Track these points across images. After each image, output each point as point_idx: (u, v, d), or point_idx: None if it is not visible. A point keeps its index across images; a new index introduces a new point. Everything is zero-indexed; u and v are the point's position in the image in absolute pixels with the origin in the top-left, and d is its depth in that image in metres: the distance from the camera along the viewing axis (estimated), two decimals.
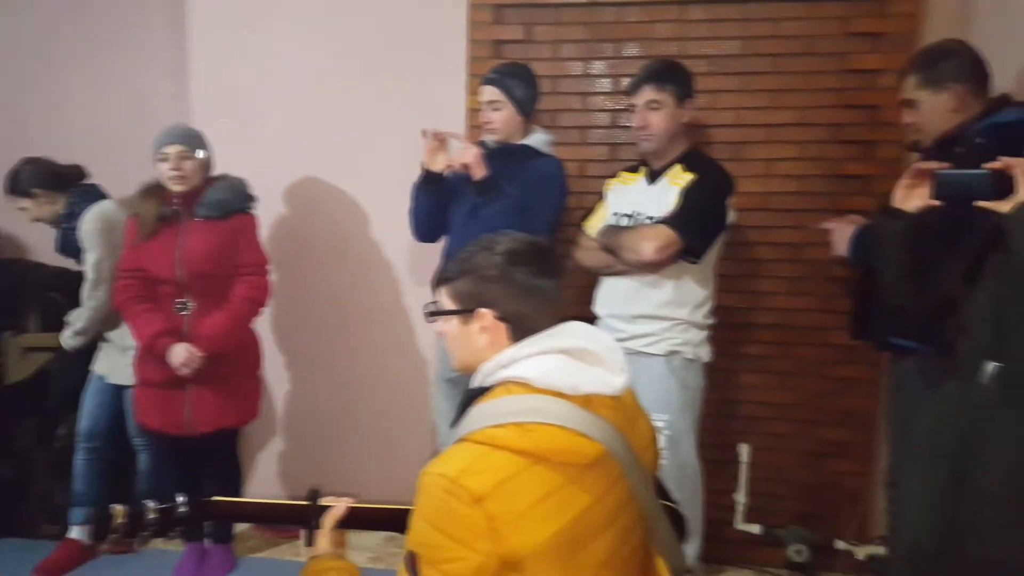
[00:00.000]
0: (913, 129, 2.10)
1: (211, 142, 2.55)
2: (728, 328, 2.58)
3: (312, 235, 3.01)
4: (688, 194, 2.20)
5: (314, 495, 1.32)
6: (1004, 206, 1.48)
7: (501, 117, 2.37)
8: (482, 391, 1.11)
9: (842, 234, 2.20)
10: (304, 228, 3.01)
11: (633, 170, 2.42)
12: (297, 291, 3.02)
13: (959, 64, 1.98)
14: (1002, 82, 2.05)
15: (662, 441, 2.19)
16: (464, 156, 2.30)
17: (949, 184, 1.56)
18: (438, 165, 2.39)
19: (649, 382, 2.24)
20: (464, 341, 1.17)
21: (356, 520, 1.31)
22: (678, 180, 2.25)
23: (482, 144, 2.43)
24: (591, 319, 2.44)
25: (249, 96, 2.97)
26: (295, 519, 1.33)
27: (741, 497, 2.71)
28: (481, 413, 1.07)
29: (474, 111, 2.67)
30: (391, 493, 1.25)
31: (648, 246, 2.15)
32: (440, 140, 2.38)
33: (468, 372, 1.18)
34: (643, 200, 2.30)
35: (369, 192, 2.96)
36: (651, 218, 2.24)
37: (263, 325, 2.85)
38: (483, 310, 1.14)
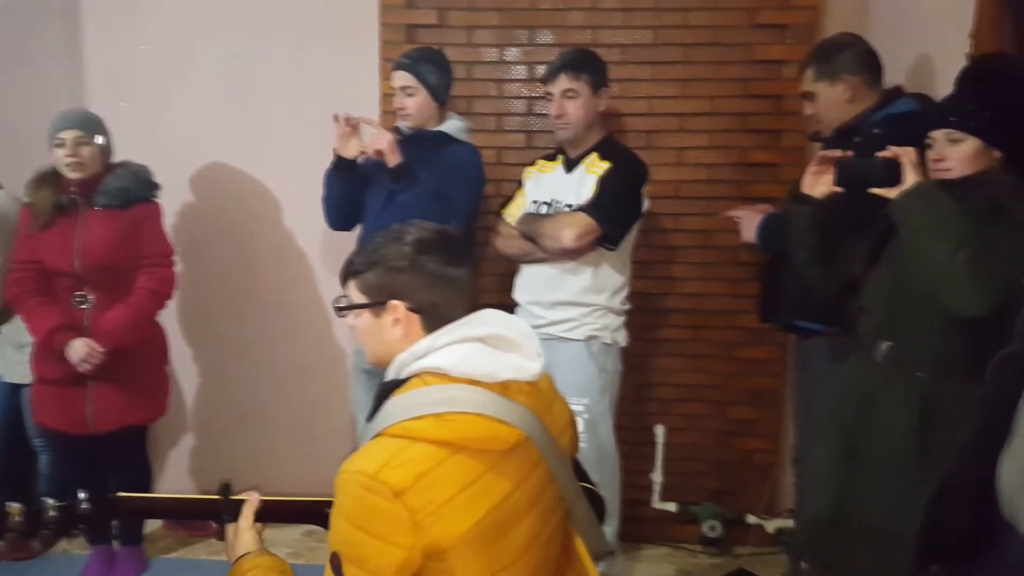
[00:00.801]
0: (814, 120, 2.19)
1: (111, 127, 2.42)
2: (643, 313, 2.65)
3: (221, 223, 2.91)
4: (605, 182, 2.24)
5: (226, 489, 1.28)
6: (893, 193, 1.58)
7: (415, 103, 2.34)
8: (398, 383, 1.10)
9: (750, 221, 2.29)
10: (212, 216, 2.91)
11: (550, 158, 2.44)
12: (206, 282, 2.92)
13: (853, 57, 2.08)
14: (895, 74, 2.17)
15: (581, 425, 2.22)
16: (377, 142, 2.26)
17: (849, 172, 1.64)
18: (351, 151, 2.34)
19: (569, 367, 2.27)
20: (377, 334, 1.16)
21: (272, 514, 1.28)
22: (595, 168, 2.28)
23: (396, 130, 2.40)
24: (511, 306, 2.46)
25: (151, 79, 2.83)
26: (206, 514, 1.29)
27: (657, 477, 2.79)
28: (397, 406, 1.06)
29: (387, 96, 2.63)
30: (309, 487, 1.23)
31: (568, 233, 2.18)
32: (352, 125, 2.32)
33: (383, 366, 1.16)
34: (561, 188, 2.33)
35: (280, 179, 2.88)
36: (570, 206, 2.27)
37: (170, 318, 2.74)
38: (395, 302, 1.13)
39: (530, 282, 2.36)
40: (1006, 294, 1.41)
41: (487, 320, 1.14)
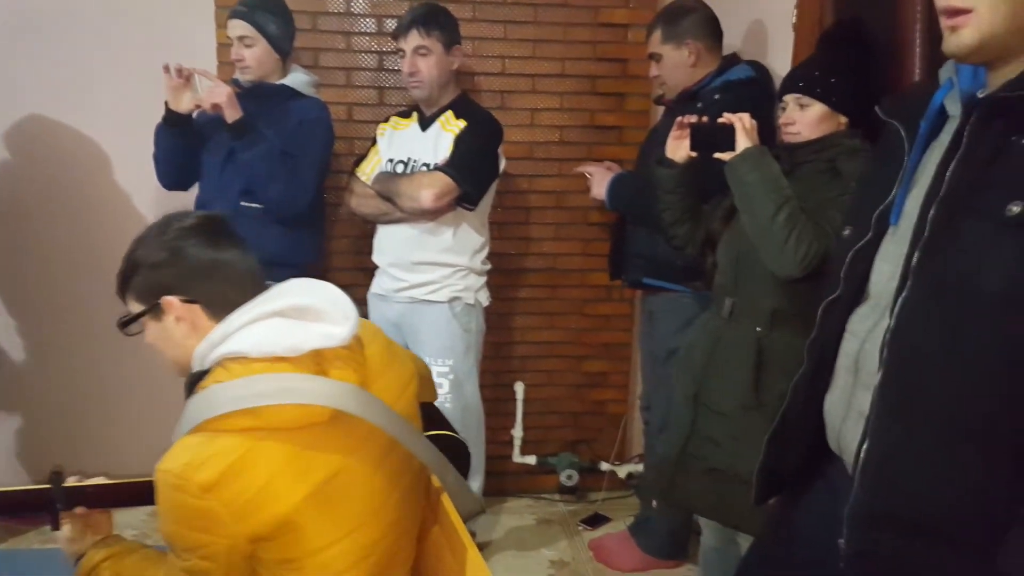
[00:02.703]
0: (659, 82, 2.29)
1: None
2: (501, 273, 2.68)
3: (41, 184, 2.59)
4: (462, 141, 2.21)
5: (57, 477, 1.17)
6: (727, 157, 1.67)
7: (254, 55, 2.19)
8: (202, 375, 1.05)
9: (600, 178, 2.36)
10: (29, 176, 2.59)
11: (404, 115, 2.39)
12: (27, 247, 2.61)
13: (697, 21, 2.18)
14: (730, 39, 2.29)
15: (446, 386, 2.25)
16: (214, 96, 2.09)
17: (698, 137, 1.72)
18: (184, 105, 2.16)
19: (433, 328, 2.27)
20: (167, 339, 1.10)
21: (113, 498, 1.19)
22: (451, 127, 2.25)
23: (235, 83, 2.24)
24: (370, 268, 2.40)
25: None
26: (36, 504, 1.17)
27: (518, 432, 2.87)
28: (201, 404, 1.01)
29: (224, 47, 2.44)
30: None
31: (427, 193, 2.15)
32: (185, 77, 2.14)
33: (188, 371, 1.10)
34: (417, 147, 2.28)
35: (107, 134, 2.60)
36: (427, 165, 2.23)
37: None
38: (167, 298, 1.07)
39: (389, 243, 2.31)
40: (829, 252, 1.50)
41: (285, 292, 1.09)
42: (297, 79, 2.28)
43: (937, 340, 0.94)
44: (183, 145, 2.22)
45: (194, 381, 1.06)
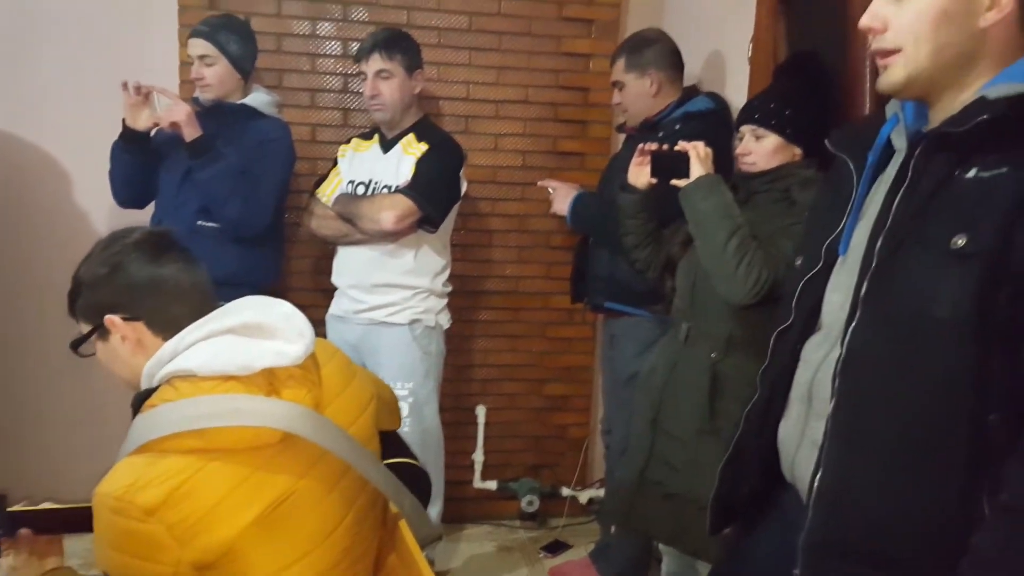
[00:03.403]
0: (621, 110, 2.33)
1: None
2: (463, 295, 2.68)
3: None
4: (423, 164, 2.22)
5: (0, 502, 1.13)
6: (683, 184, 1.70)
7: (215, 73, 2.18)
8: (150, 393, 1.03)
9: (564, 195, 2.37)
10: None
11: (366, 137, 2.39)
12: None
13: (659, 52, 2.23)
14: (689, 70, 2.35)
15: (405, 409, 2.22)
16: (172, 114, 2.07)
17: (657, 164, 1.75)
18: (142, 123, 2.13)
19: (393, 351, 2.25)
20: (116, 359, 1.08)
21: (61, 524, 1.15)
22: (412, 150, 2.26)
23: (195, 101, 2.23)
24: (330, 290, 2.38)
25: None
26: None
27: (479, 456, 2.85)
28: (146, 424, 0.98)
29: (187, 65, 2.42)
30: None
31: (388, 215, 2.14)
32: (143, 95, 2.12)
33: (138, 388, 1.07)
34: (379, 169, 2.28)
35: (65, 151, 2.55)
36: (388, 187, 2.23)
37: None
38: (110, 317, 1.05)
39: (349, 265, 2.30)
40: (779, 280, 1.53)
41: (238, 309, 1.07)
42: (258, 99, 2.27)
43: (887, 369, 0.96)
44: (140, 163, 2.19)
45: (141, 400, 1.03)
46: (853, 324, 1.00)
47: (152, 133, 2.17)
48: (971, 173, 0.91)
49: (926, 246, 0.93)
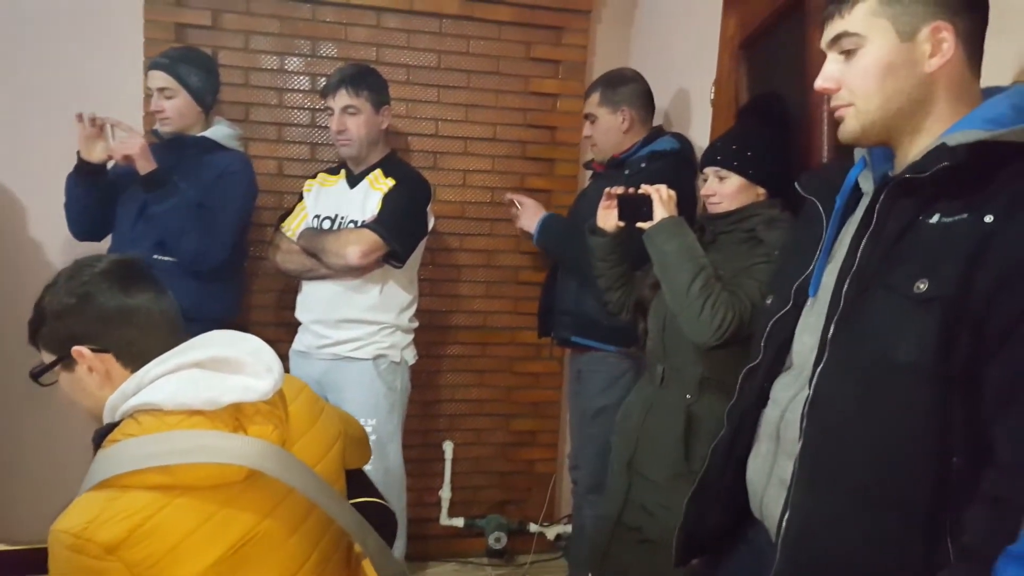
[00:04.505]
0: (590, 143, 2.36)
1: None
2: (431, 330, 2.67)
3: None
4: (390, 199, 2.22)
5: None
6: (647, 226, 1.71)
7: (174, 106, 2.16)
8: (113, 427, 1.00)
9: (533, 211, 2.37)
10: None
11: (333, 172, 2.38)
12: None
13: (635, 91, 2.28)
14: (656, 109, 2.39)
15: None
16: (126, 147, 2.04)
17: (624, 207, 1.77)
18: (96, 155, 2.10)
19: (356, 387, 2.23)
20: (81, 390, 1.06)
21: (15, 566, 1.11)
22: (379, 185, 2.26)
23: (155, 134, 2.21)
24: (293, 324, 2.35)
25: None
26: None
27: (445, 493, 2.81)
28: (108, 460, 0.95)
29: (151, 97, 2.41)
30: None
31: (353, 250, 2.13)
32: (98, 127, 2.09)
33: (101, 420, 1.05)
34: (345, 204, 2.28)
35: (25, 183, 2.51)
36: (355, 222, 2.23)
37: None
38: (78, 348, 1.03)
39: (313, 300, 2.28)
40: (745, 320, 1.54)
41: (205, 343, 1.06)
42: (220, 132, 2.25)
43: (852, 410, 0.97)
44: (95, 196, 2.15)
45: (102, 435, 1.00)
46: (820, 366, 1.01)
47: (109, 166, 2.14)
48: (934, 219, 0.94)
49: (890, 290, 0.95)
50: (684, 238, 1.65)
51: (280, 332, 2.46)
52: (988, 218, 0.88)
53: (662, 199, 1.70)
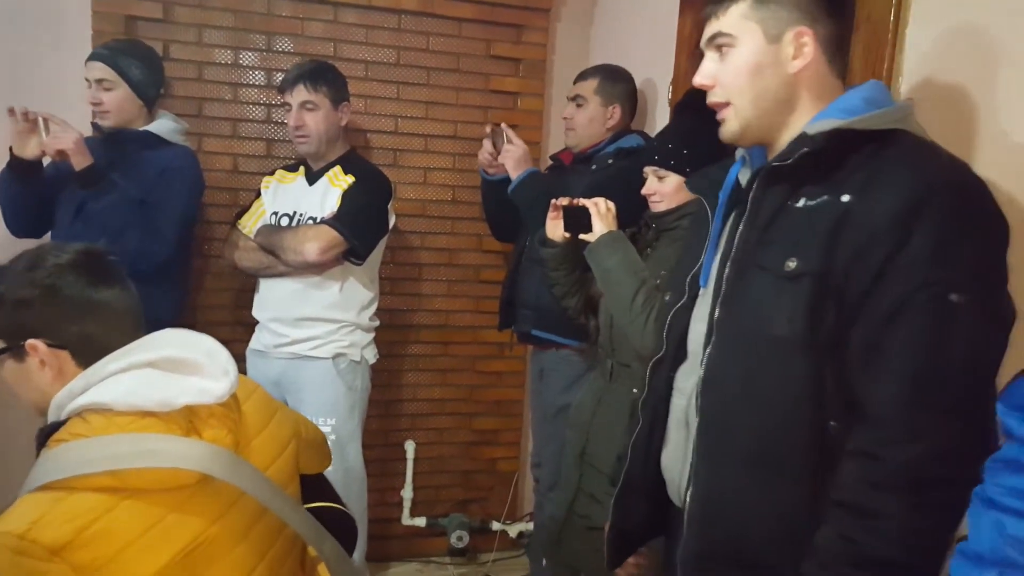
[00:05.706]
0: (568, 126, 2.32)
1: None
2: (392, 329, 2.64)
3: None
4: (349, 196, 2.19)
5: None
6: (590, 239, 1.72)
7: (113, 99, 2.09)
8: (58, 426, 0.97)
9: (520, 158, 2.19)
10: None
11: (292, 169, 2.35)
12: None
13: (628, 91, 2.30)
14: None
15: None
16: (59, 142, 1.97)
17: (568, 218, 1.77)
18: (30, 151, 2.01)
19: (315, 386, 2.20)
20: (26, 382, 1.03)
21: None
22: (339, 182, 2.23)
23: (95, 128, 2.14)
24: (250, 323, 2.31)
25: None
26: None
27: (407, 493, 2.79)
28: (53, 462, 0.92)
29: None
30: None
31: (312, 247, 2.10)
32: (31, 121, 2.01)
33: (45, 415, 1.02)
34: (304, 200, 2.24)
35: None
36: (313, 219, 2.20)
37: None
38: (32, 341, 1.00)
39: (271, 298, 2.24)
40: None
41: (159, 342, 1.03)
42: (163, 126, 2.18)
43: (737, 385, 1.04)
44: (31, 193, 2.07)
45: (47, 434, 0.97)
46: (709, 347, 1.08)
47: (46, 162, 2.07)
48: (800, 202, 1.02)
49: (764, 270, 1.03)
50: (624, 253, 1.67)
51: (237, 331, 2.41)
52: (845, 198, 0.96)
53: (600, 213, 1.70)
